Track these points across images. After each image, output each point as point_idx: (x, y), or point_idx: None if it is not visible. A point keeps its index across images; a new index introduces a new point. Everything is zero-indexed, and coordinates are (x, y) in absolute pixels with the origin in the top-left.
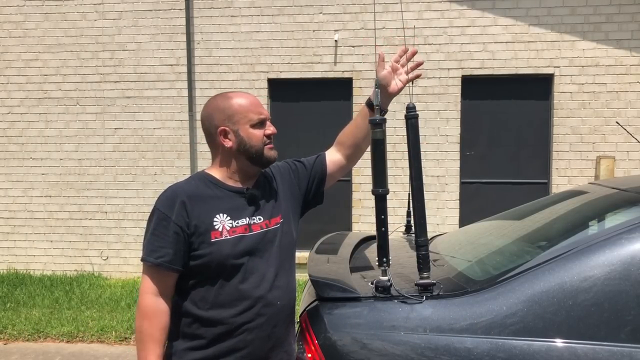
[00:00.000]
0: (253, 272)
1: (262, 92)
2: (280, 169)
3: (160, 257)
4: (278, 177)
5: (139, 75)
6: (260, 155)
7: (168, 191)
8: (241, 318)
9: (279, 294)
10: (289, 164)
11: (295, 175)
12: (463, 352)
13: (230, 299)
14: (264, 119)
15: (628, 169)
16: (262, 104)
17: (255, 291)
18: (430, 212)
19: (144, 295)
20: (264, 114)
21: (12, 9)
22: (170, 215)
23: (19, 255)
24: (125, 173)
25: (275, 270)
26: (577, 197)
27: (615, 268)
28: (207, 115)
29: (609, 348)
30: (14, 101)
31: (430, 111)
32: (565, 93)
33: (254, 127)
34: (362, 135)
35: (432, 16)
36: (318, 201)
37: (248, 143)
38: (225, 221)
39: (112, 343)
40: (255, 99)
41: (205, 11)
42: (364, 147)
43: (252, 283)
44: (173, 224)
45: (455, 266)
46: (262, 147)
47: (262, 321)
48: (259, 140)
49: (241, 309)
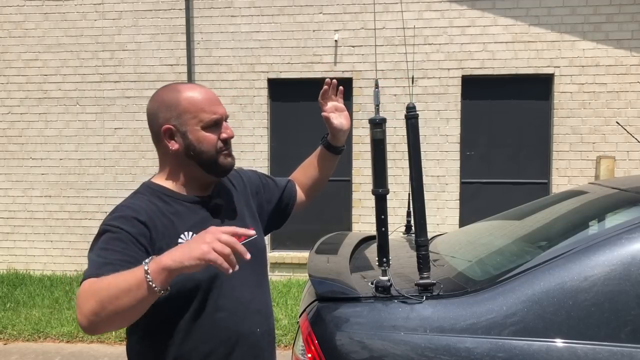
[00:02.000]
0: (229, 296)
1: (262, 92)
2: (245, 178)
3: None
4: (241, 186)
5: (139, 75)
6: (214, 163)
7: (118, 210)
8: (218, 353)
9: (258, 319)
10: (258, 175)
11: (266, 189)
12: (463, 352)
13: (204, 331)
14: (218, 120)
15: (628, 169)
16: (220, 101)
17: (231, 319)
18: (430, 212)
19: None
20: (219, 112)
21: (12, 9)
22: (126, 229)
23: (19, 255)
24: (125, 173)
25: (252, 293)
26: (577, 197)
27: (615, 268)
28: (151, 111)
29: (609, 348)
30: (14, 101)
31: (430, 111)
32: (565, 93)
33: (205, 129)
34: (322, 177)
35: (432, 16)
36: (278, 225)
37: (198, 148)
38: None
39: (112, 343)
40: (211, 93)
41: (205, 11)
42: (322, 187)
43: (228, 310)
44: (133, 238)
45: (455, 266)
46: (215, 154)
47: (241, 352)
48: (211, 146)
49: (217, 341)
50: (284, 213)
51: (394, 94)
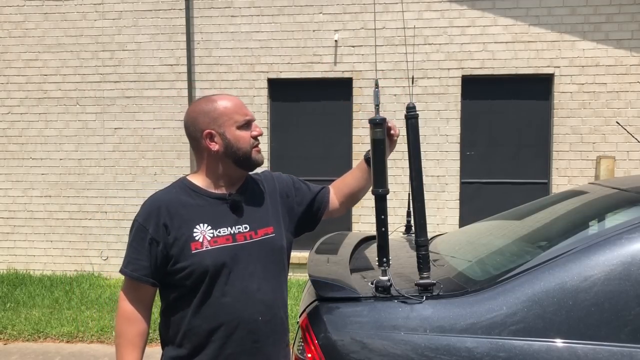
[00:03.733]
0: (235, 285)
1: (262, 92)
2: (278, 181)
3: (136, 269)
4: (272, 187)
5: (139, 75)
6: (248, 158)
7: (147, 202)
8: (220, 331)
9: (261, 309)
10: (292, 179)
11: (297, 193)
12: (463, 352)
13: (210, 312)
14: (250, 120)
15: (628, 169)
16: (246, 105)
17: (235, 306)
18: (430, 212)
19: (123, 301)
20: (250, 115)
21: (12, 9)
22: (148, 227)
23: (19, 255)
24: (125, 173)
25: (259, 285)
26: (577, 197)
27: (615, 268)
28: (191, 120)
29: (609, 348)
30: (14, 101)
31: (430, 111)
32: (565, 93)
33: (240, 128)
34: (359, 187)
35: (432, 16)
36: (310, 227)
37: (235, 145)
38: (206, 231)
39: (112, 343)
40: (239, 100)
41: (205, 11)
42: (359, 197)
43: (233, 297)
44: (150, 237)
45: (456, 266)
46: (250, 149)
47: (240, 335)
48: (246, 142)
49: (219, 323)
50: (315, 216)
51: (394, 94)
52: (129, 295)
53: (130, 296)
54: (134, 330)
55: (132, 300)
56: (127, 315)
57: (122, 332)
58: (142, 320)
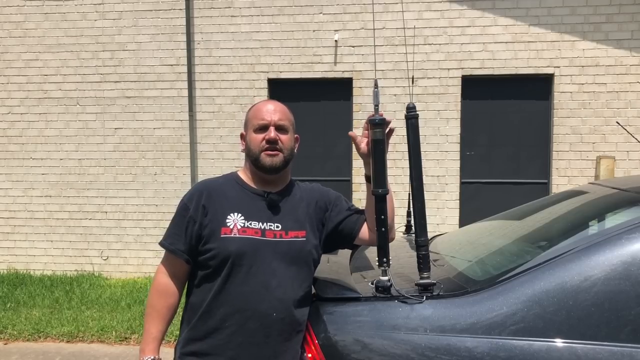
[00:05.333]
0: (256, 277)
1: (262, 92)
2: (320, 194)
3: (173, 243)
4: (313, 198)
5: (139, 75)
6: (257, 159)
7: (195, 186)
8: (234, 318)
9: (277, 305)
10: (337, 197)
11: (333, 209)
12: (464, 352)
13: (228, 298)
14: (265, 125)
15: (628, 169)
16: (280, 113)
17: (252, 296)
18: (430, 212)
19: (159, 273)
20: (267, 119)
21: (12, 9)
22: (190, 206)
23: (19, 255)
24: (125, 173)
25: (280, 282)
26: (577, 197)
27: (615, 268)
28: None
29: (609, 348)
30: (14, 101)
31: (430, 111)
32: (565, 93)
33: (256, 131)
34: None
35: (432, 16)
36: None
37: (249, 147)
38: (238, 220)
39: (112, 343)
40: (274, 106)
41: (205, 11)
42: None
43: (252, 287)
44: (190, 216)
45: (456, 266)
46: (259, 152)
47: (253, 327)
48: (256, 145)
49: (235, 310)
50: (343, 240)
51: (394, 94)
52: (165, 269)
53: (166, 269)
54: (164, 303)
55: (167, 273)
56: (160, 288)
57: (152, 303)
58: (172, 295)
